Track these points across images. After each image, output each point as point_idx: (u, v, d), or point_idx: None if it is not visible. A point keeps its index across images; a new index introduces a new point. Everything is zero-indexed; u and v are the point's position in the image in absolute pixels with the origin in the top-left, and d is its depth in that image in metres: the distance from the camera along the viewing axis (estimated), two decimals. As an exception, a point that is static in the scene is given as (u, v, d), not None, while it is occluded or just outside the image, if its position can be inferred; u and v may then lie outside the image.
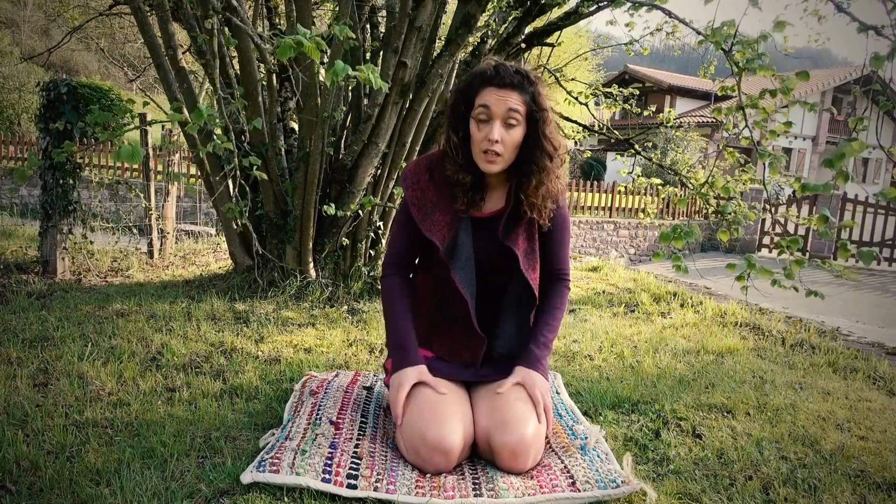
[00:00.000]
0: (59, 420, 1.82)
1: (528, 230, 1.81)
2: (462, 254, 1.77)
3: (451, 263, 1.76)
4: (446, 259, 1.76)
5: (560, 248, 1.88)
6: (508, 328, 1.84)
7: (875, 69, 1.97)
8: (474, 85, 1.71)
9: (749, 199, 10.99)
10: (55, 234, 3.90)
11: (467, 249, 1.77)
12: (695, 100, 24.48)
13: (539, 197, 1.75)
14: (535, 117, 1.71)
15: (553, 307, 1.86)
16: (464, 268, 1.77)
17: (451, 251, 1.77)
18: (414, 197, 1.80)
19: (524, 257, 1.79)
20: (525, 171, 1.74)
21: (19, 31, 21.69)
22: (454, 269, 1.76)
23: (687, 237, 2.38)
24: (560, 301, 1.87)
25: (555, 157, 1.75)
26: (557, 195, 1.80)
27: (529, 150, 1.73)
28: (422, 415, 1.64)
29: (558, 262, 1.88)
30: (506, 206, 1.79)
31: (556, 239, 1.86)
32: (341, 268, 3.82)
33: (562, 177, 1.80)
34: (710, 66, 4.70)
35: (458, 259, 1.76)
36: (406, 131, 3.73)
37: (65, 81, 3.83)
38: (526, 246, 1.80)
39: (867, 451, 1.92)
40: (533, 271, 1.81)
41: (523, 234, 1.80)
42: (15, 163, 11.29)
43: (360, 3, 3.68)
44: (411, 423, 1.64)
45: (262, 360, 2.49)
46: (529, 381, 1.74)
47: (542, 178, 1.74)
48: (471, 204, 1.77)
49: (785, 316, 4.09)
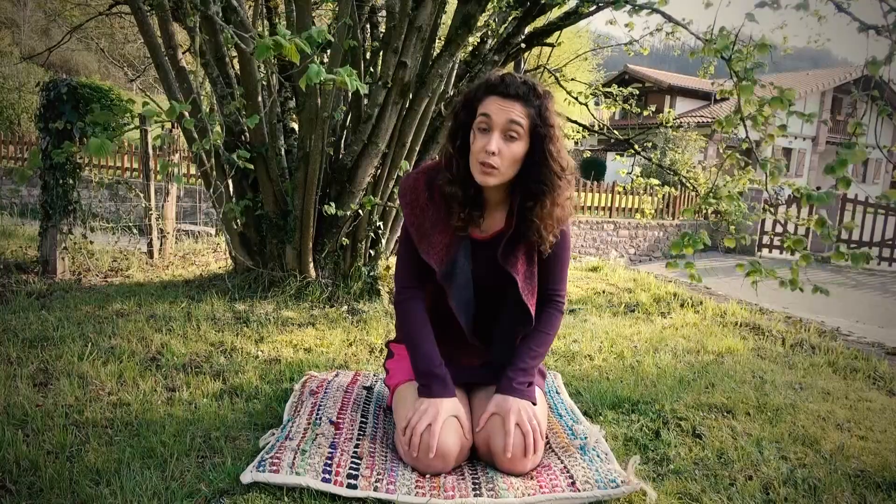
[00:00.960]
0: (59, 420, 1.82)
1: (528, 252, 1.74)
2: (460, 278, 1.72)
3: (449, 288, 1.71)
4: (443, 283, 1.72)
5: (558, 269, 1.80)
6: (504, 345, 1.80)
7: (872, 74, 1.97)
8: (478, 93, 1.65)
9: (749, 199, 10.99)
10: (55, 233, 3.90)
11: (465, 273, 1.72)
12: (695, 100, 24.49)
13: (552, 220, 1.67)
14: (540, 133, 1.62)
15: (542, 331, 1.78)
16: (461, 291, 1.72)
17: (450, 275, 1.71)
18: (412, 217, 1.73)
19: (523, 282, 1.73)
20: (533, 193, 1.65)
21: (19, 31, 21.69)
22: (451, 295, 1.71)
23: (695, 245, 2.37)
24: (549, 327, 1.79)
25: (563, 177, 1.65)
26: (566, 220, 1.72)
27: (536, 169, 1.64)
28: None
29: (554, 281, 1.80)
30: (506, 227, 1.73)
31: (554, 259, 1.78)
32: (341, 268, 3.82)
33: (574, 198, 1.72)
34: (709, 66, 4.70)
35: (455, 284, 1.72)
36: (406, 131, 3.73)
37: (65, 81, 3.82)
38: (525, 269, 1.74)
39: (867, 451, 1.93)
40: (531, 296, 1.75)
41: (523, 258, 1.73)
42: (15, 163, 11.29)
43: (360, 3, 3.68)
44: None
45: (262, 360, 2.49)
46: (504, 409, 1.64)
47: (555, 198, 1.65)
48: (468, 221, 1.69)
49: (785, 316, 4.09)
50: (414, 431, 1.60)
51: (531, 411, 1.66)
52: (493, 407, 1.67)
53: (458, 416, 1.66)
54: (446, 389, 1.67)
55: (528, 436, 1.62)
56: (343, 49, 3.29)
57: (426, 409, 1.63)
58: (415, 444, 1.59)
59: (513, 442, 1.60)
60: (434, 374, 1.68)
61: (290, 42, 1.56)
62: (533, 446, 1.62)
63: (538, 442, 1.64)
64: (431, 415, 1.61)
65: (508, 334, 1.80)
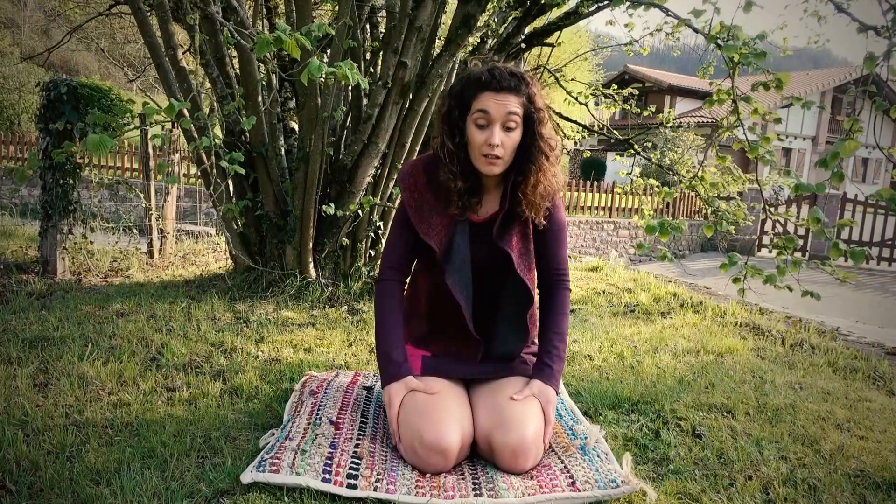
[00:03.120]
0: (59, 420, 1.82)
1: (523, 230, 1.81)
2: (458, 258, 1.77)
3: (447, 267, 1.76)
4: (442, 263, 1.76)
5: (557, 246, 1.87)
6: (505, 329, 1.83)
7: (869, 70, 1.97)
8: (470, 90, 1.70)
9: (749, 200, 10.99)
10: (55, 234, 3.90)
11: (463, 253, 1.77)
12: (695, 100, 24.48)
13: (537, 196, 1.75)
14: (532, 118, 1.71)
15: (558, 314, 1.85)
16: (459, 271, 1.77)
17: (448, 255, 1.76)
18: (411, 199, 1.80)
19: (519, 257, 1.78)
20: (522, 171, 1.74)
21: (19, 31, 21.70)
22: (449, 274, 1.75)
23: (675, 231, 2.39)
24: (563, 307, 1.86)
25: (551, 155, 1.75)
26: (554, 193, 1.80)
27: (527, 150, 1.73)
28: (419, 415, 1.64)
29: (556, 261, 1.87)
30: (501, 207, 1.79)
31: (552, 238, 1.85)
32: (341, 268, 3.83)
33: (558, 175, 1.80)
34: (709, 66, 4.70)
35: (453, 263, 1.76)
36: (406, 131, 3.73)
37: (65, 81, 3.82)
38: (521, 246, 1.80)
39: (867, 451, 1.93)
40: (529, 271, 1.80)
41: (518, 235, 1.80)
42: (15, 163, 11.29)
43: (360, 3, 3.68)
44: (408, 424, 1.64)
45: (262, 360, 2.49)
46: (545, 398, 1.73)
47: (540, 177, 1.74)
48: (466, 208, 1.76)
49: (785, 316, 4.09)
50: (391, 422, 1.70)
51: (555, 402, 1.76)
52: (536, 391, 1.74)
53: (458, 414, 1.66)
54: (398, 370, 1.75)
55: (549, 426, 1.72)
56: (343, 49, 3.29)
57: (388, 401, 1.73)
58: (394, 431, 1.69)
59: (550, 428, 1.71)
60: (388, 357, 1.76)
61: (291, 37, 1.57)
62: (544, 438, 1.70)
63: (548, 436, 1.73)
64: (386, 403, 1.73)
65: (509, 318, 1.83)
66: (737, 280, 2.44)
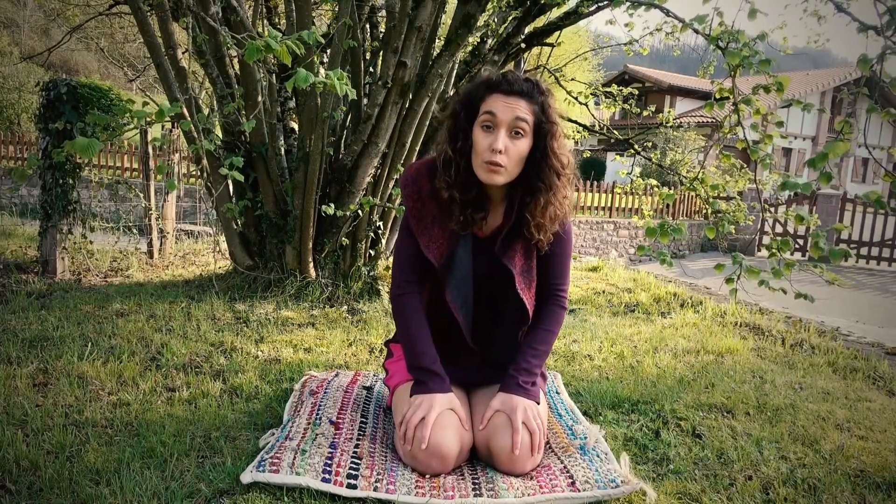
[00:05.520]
0: (59, 420, 1.82)
1: (526, 247, 1.72)
2: (459, 272, 1.70)
3: (446, 282, 1.70)
4: (442, 277, 1.70)
5: (559, 263, 1.78)
6: (503, 342, 1.79)
7: (862, 71, 1.98)
8: (479, 92, 1.63)
9: (749, 200, 11.00)
10: (55, 233, 3.90)
11: (465, 268, 1.71)
12: (695, 100, 24.48)
13: (546, 218, 1.65)
14: (544, 130, 1.62)
15: (542, 329, 1.76)
16: (459, 287, 1.71)
17: (448, 269, 1.70)
18: (414, 208, 1.71)
19: (520, 276, 1.72)
20: (531, 189, 1.64)
21: (19, 31, 21.70)
22: (448, 290, 1.70)
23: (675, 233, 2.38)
24: (551, 324, 1.77)
25: (563, 174, 1.65)
26: (564, 218, 1.71)
27: (536, 166, 1.63)
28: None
29: (555, 276, 1.78)
30: (504, 222, 1.71)
31: (556, 254, 1.76)
32: (341, 268, 3.83)
33: (570, 197, 1.71)
34: (709, 66, 4.70)
35: (454, 278, 1.70)
36: (406, 131, 3.73)
37: (65, 81, 3.82)
38: (523, 264, 1.73)
39: (867, 451, 1.92)
40: (529, 290, 1.74)
41: (521, 251, 1.72)
42: (15, 163, 11.29)
43: (360, 3, 3.68)
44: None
45: (262, 360, 2.49)
46: (510, 407, 1.63)
47: (550, 197, 1.64)
48: (468, 223, 1.67)
49: (785, 316, 4.09)
50: (408, 425, 1.60)
51: (535, 410, 1.66)
52: (498, 404, 1.66)
53: (456, 412, 1.66)
54: (441, 385, 1.66)
55: (535, 434, 1.62)
56: (343, 49, 3.29)
57: (420, 404, 1.63)
58: (408, 437, 1.59)
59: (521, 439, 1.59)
60: (428, 370, 1.68)
61: (281, 44, 1.55)
62: (538, 446, 1.62)
63: (542, 442, 1.65)
64: (425, 408, 1.61)
65: (508, 332, 1.79)
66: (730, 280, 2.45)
